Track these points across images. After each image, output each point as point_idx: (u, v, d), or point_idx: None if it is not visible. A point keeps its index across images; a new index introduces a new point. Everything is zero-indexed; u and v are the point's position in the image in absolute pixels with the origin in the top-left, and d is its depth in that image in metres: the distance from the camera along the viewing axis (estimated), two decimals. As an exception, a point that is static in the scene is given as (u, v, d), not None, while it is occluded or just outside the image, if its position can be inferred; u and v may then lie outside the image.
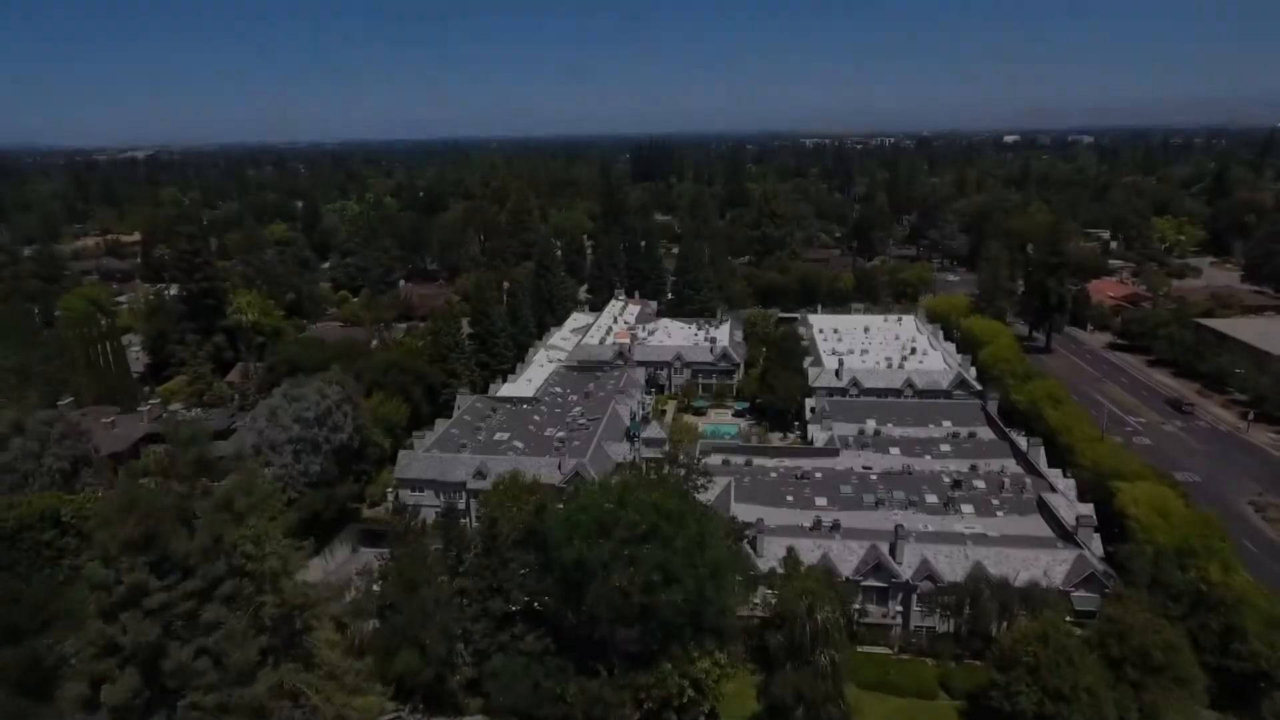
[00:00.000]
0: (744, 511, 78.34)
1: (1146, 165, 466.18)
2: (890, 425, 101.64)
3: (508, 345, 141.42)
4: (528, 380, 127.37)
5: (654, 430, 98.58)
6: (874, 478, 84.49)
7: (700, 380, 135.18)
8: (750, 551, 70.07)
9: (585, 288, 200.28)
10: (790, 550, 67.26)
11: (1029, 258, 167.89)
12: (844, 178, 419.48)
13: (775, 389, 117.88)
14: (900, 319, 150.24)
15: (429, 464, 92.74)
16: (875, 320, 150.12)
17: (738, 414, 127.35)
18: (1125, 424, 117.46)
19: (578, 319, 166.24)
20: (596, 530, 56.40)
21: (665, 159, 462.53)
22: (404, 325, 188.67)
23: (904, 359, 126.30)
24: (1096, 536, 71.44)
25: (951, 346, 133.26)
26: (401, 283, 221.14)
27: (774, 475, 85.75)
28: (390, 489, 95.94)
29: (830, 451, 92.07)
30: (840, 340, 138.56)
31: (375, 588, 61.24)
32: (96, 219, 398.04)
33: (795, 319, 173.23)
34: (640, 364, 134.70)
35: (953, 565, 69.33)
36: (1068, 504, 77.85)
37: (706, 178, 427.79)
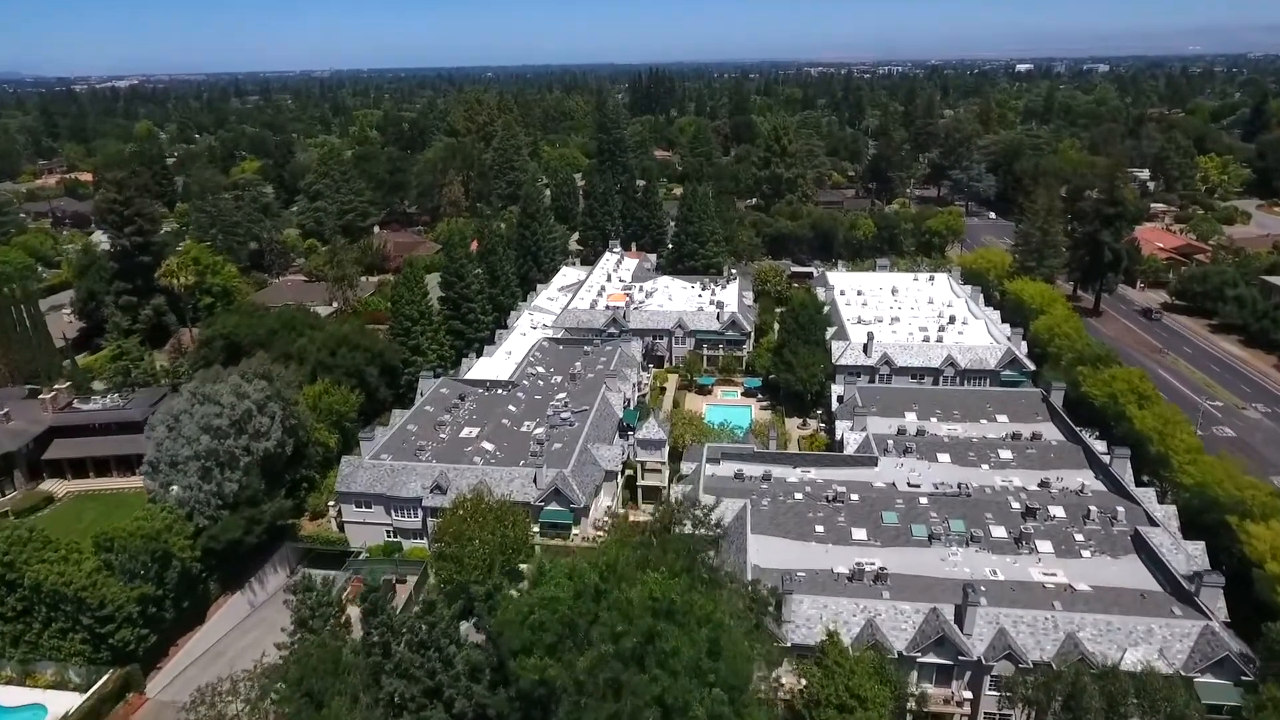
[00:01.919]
0: (763, 549, 62.37)
1: (1171, 97, 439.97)
2: (934, 420, 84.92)
3: (485, 309, 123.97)
4: (506, 353, 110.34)
5: (651, 429, 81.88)
6: (924, 501, 68.08)
7: (705, 351, 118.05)
8: (774, 623, 53.99)
9: (576, 236, 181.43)
10: (832, 636, 51.24)
11: (1073, 205, 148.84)
12: (854, 110, 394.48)
13: (794, 367, 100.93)
14: (932, 278, 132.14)
15: (377, 474, 76.28)
16: (904, 280, 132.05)
17: (748, 393, 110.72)
18: (1199, 409, 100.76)
19: (567, 274, 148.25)
20: (568, 635, 40.23)
21: (665, 90, 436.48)
22: (376, 278, 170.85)
23: (941, 330, 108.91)
24: (1221, 596, 55.48)
25: (995, 314, 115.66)
26: (376, 229, 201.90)
27: (800, 496, 69.34)
28: (333, 502, 79.77)
29: (867, 460, 75.59)
30: (865, 305, 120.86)
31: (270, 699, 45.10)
32: (64, 155, 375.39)
33: (810, 274, 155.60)
34: (636, 333, 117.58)
35: (1038, 638, 53.44)
36: (1172, 543, 61.76)
37: (709, 110, 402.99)
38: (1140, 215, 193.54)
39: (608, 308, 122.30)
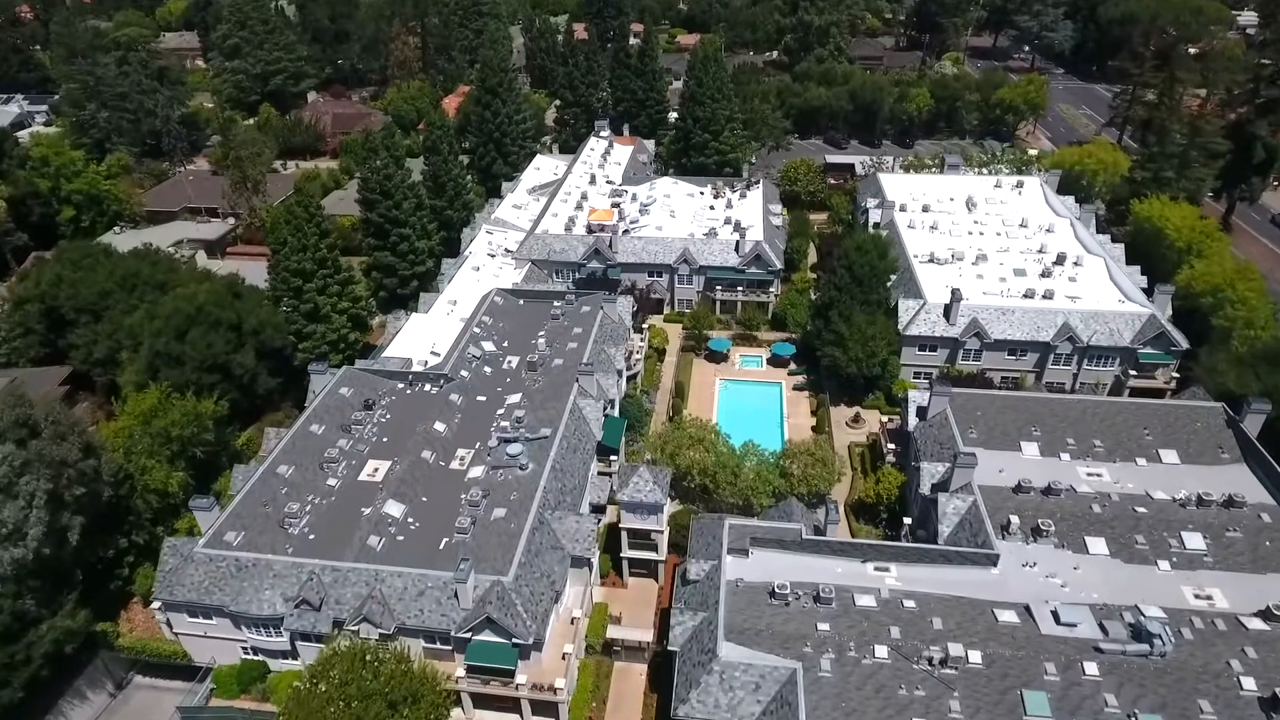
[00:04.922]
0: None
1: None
2: (1067, 456, 56.60)
3: (426, 231, 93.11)
4: (450, 303, 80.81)
5: (642, 485, 53.63)
6: (1090, 669, 41.19)
7: (719, 295, 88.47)
8: None
9: (553, 112, 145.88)
10: None
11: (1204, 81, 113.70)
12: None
13: (845, 341, 71.75)
14: (1020, 185, 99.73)
15: (215, 575, 48.94)
16: (982, 187, 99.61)
17: (776, 360, 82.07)
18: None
19: (541, 167, 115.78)
20: None
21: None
22: (312, 163, 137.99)
23: (1045, 275, 78.69)
24: None
25: (1117, 248, 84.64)
26: (311, 95, 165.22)
27: (883, 652, 42.32)
28: (157, 604, 52.91)
29: (981, 557, 48.19)
30: (935, 228, 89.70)
31: None
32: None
33: (851, 168, 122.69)
34: (626, 268, 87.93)
35: None
36: None
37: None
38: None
39: (589, 230, 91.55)
